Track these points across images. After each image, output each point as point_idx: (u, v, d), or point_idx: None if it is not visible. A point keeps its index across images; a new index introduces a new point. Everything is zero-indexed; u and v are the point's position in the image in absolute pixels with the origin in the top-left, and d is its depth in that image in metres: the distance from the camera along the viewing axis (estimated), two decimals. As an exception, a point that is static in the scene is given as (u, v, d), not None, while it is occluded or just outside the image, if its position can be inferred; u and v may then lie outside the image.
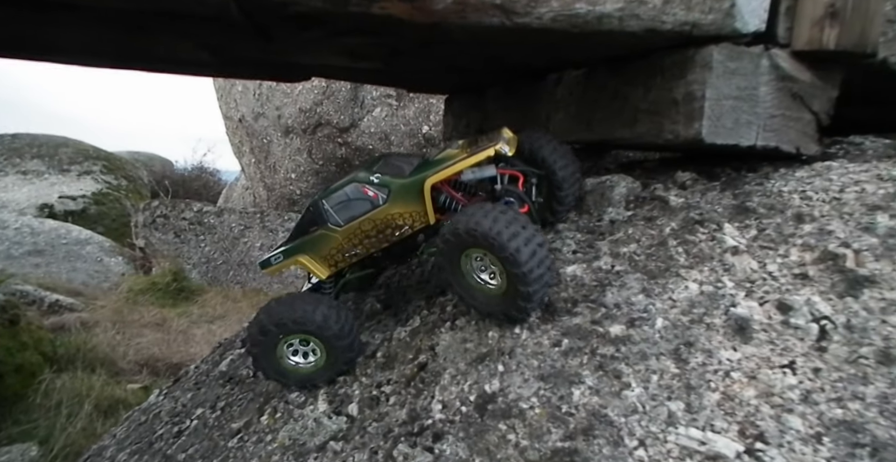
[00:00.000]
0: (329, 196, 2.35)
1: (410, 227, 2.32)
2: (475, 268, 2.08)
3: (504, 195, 2.26)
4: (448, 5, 2.18)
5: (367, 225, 2.31)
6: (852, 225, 2.04)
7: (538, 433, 1.72)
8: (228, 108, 14.54)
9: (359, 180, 2.30)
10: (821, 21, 2.26)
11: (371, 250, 2.40)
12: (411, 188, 2.25)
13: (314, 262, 2.42)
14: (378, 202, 2.28)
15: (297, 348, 2.37)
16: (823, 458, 1.41)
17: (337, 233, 2.35)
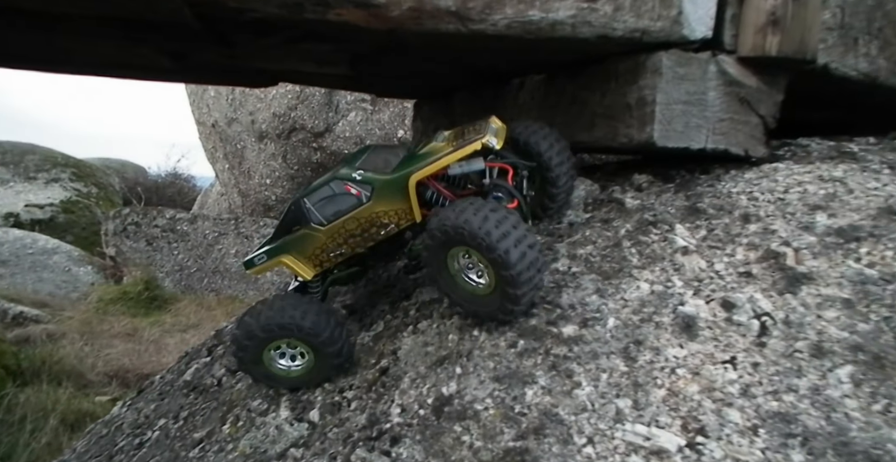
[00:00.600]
0: (311, 194, 2.25)
1: (396, 225, 2.23)
2: (462, 266, 2.00)
3: (492, 190, 2.16)
4: (403, 12, 2.20)
5: (352, 224, 2.22)
6: (794, 224, 2.12)
7: (491, 434, 1.74)
8: (201, 114, 14.35)
9: (340, 177, 2.20)
10: (763, 28, 2.34)
11: (357, 249, 2.31)
12: (395, 185, 2.14)
13: (298, 263, 2.33)
14: (362, 200, 2.18)
15: (285, 351, 2.30)
16: (758, 449, 1.46)
17: (320, 232, 2.26)
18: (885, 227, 1.99)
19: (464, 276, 2.01)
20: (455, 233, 1.84)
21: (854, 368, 1.57)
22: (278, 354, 2.31)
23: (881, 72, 2.67)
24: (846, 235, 2.00)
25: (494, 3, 2.24)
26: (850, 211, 2.11)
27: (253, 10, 2.13)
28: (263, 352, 2.26)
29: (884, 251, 1.90)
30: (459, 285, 2.03)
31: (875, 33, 2.61)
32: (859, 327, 1.68)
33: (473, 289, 2.01)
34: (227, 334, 3.68)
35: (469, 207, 1.85)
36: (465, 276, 2.01)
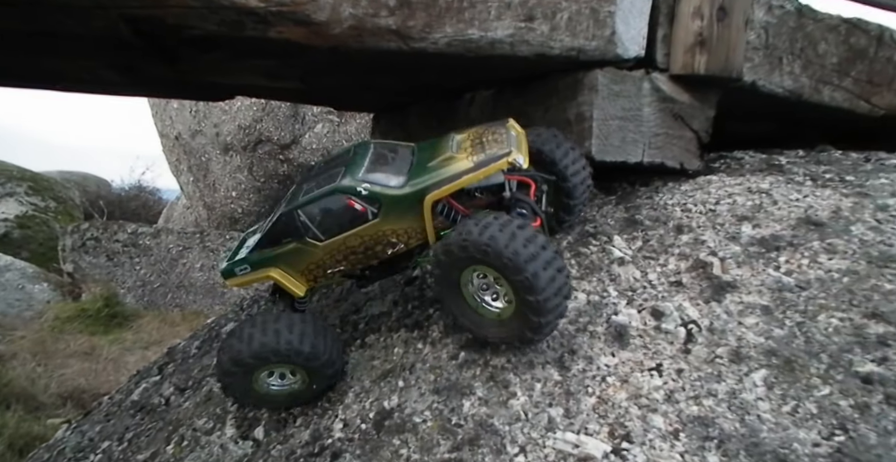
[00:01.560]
0: (305, 206, 2.00)
1: (405, 245, 2.01)
2: (477, 287, 1.82)
3: (515, 205, 1.94)
4: (344, 30, 2.24)
5: (354, 240, 2.00)
6: (722, 235, 2.22)
7: (428, 446, 1.76)
8: (164, 126, 14.09)
9: (343, 190, 1.94)
10: (692, 48, 2.47)
11: (358, 266, 2.10)
12: (406, 202, 1.91)
13: (289, 277, 2.10)
14: (367, 217, 1.95)
15: (275, 371, 2.10)
16: (678, 452, 1.52)
17: (317, 247, 2.02)
18: (802, 237, 2.10)
19: (478, 299, 1.83)
20: (477, 250, 1.64)
21: (768, 372, 1.65)
22: (267, 374, 2.10)
23: (805, 89, 2.82)
24: (768, 245, 2.10)
25: (434, 22, 2.30)
26: (773, 221, 2.22)
27: (192, 27, 2.14)
28: (253, 377, 2.05)
29: (801, 259, 2.01)
30: (472, 308, 1.85)
31: (798, 53, 2.77)
32: (775, 333, 1.77)
33: (488, 313, 1.83)
34: (179, 352, 3.61)
35: (494, 224, 1.67)
36: (480, 298, 1.83)
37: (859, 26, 2.88)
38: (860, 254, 1.97)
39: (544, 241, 1.68)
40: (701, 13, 2.42)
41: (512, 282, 1.65)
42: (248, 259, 2.14)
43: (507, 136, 2.00)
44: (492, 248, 1.62)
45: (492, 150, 1.92)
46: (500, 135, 2.04)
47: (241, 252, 2.22)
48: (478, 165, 1.86)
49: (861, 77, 2.94)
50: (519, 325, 1.74)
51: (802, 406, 1.56)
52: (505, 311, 1.79)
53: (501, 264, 1.63)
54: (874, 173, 2.53)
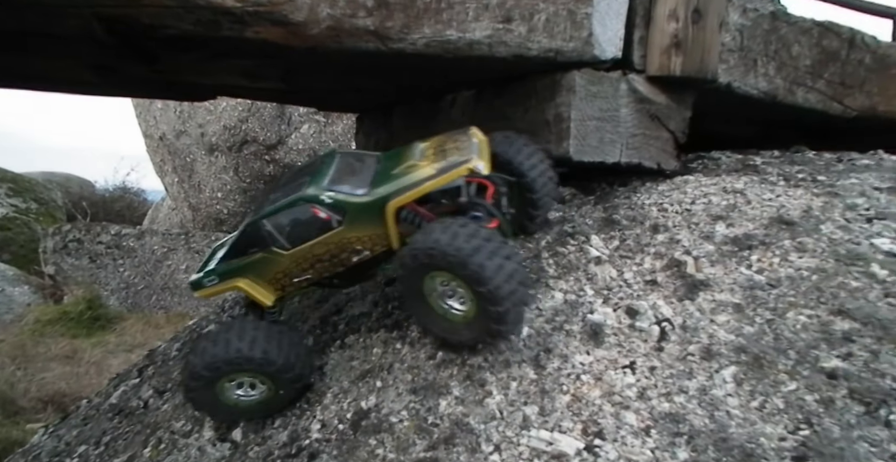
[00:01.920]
0: (271, 216, 2.03)
1: (371, 252, 2.05)
2: (441, 294, 1.86)
3: (470, 209, 2.00)
4: (322, 30, 2.24)
5: (320, 249, 2.03)
6: (696, 234, 2.25)
7: (404, 446, 1.76)
8: (148, 126, 13.94)
9: (307, 199, 1.97)
10: (668, 50, 2.50)
11: (325, 274, 2.13)
12: (371, 210, 1.96)
13: (256, 287, 2.13)
14: (332, 224, 1.98)
15: (243, 381, 2.09)
16: (649, 449, 1.54)
17: (283, 256, 2.05)
18: (774, 236, 2.14)
19: (440, 302, 1.87)
20: (443, 260, 1.69)
21: (737, 369, 1.68)
22: (234, 385, 2.09)
23: (779, 90, 2.87)
24: (741, 244, 2.14)
25: (412, 23, 2.30)
26: (746, 221, 2.26)
27: (167, 26, 2.12)
28: (215, 388, 2.06)
29: (772, 258, 2.04)
30: (433, 311, 1.89)
31: (772, 55, 2.82)
32: (745, 330, 1.80)
33: (447, 314, 1.87)
34: (160, 354, 3.58)
35: (437, 227, 1.75)
36: (442, 301, 1.87)
37: (831, 29, 2.93)
38: (829, 252, 2.01)
39: (488, 235, 1.73)
40: (676, 15, 2.45)
41: (463, 278, 1.70)
42: (216, 270, 2.17)
43: (469, 143, 2.05)
44: (436, 250, 1.68)
45: (453, 156, 1.98)
46: (461, 142, 2.09)
47: (210, 263, 2.24)
48: (439, 172, 1.92)
49: (834, 79, 3.00)
50: (484, 320, 1.77)
51: (770, 401, 1.58)
52: (469, 312, 1.81)
53: (447, 263, 1.68)
54: (845, 173, 2.58)
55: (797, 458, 1.44)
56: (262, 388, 2.11)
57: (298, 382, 2.11)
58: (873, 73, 3.06)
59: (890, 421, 1.48)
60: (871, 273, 1.88)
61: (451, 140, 2.16)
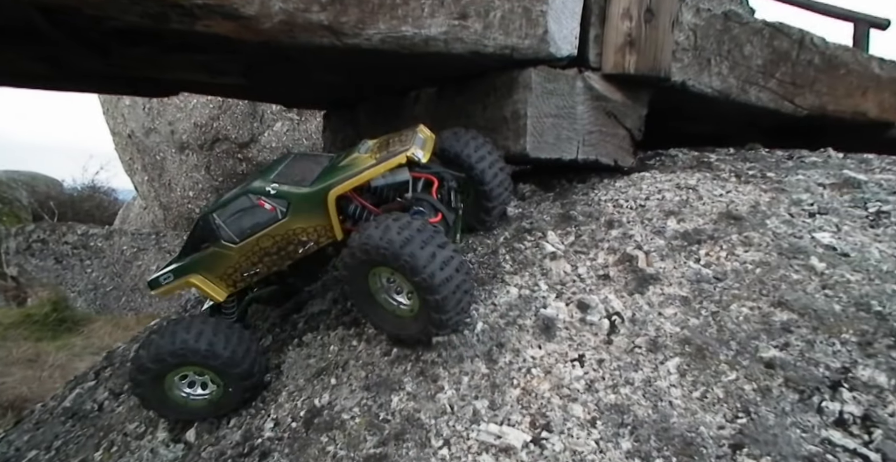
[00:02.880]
0: (220, 209, 2.07)
1: (316, 243, 2.06)
2: (386, 288, 1.88)
3: (414, 203, 2.00)
4: (275, 25, 2.21)
5: (266, 241, 2.05)
6: (649, 229, 2.29)
7: (355, 442, 1.76)
8: (116, 123, 13.59)
9: (253, 191, 2.02)
10: (622, 48, 2.53)
11: (273, 268, 2.13)
12: (313, 199, 1.97)
13: (208, 283, 2.14)
14: (277, 216, 2.01)
15: (194, 379, 2.08)
16: (594, 439, 1.56)
17: (233, 250, 2.07)
18: (723, 231, 2.19)
19: (386, 298, 1.89)
20: (377, 253, 1.72)
21: (681, 360, 1.72)
22: (186, 383, 2.09)
23: (732, 89, 2.94)
24: (690, 238, 2.19)
25: (367, 18, 2.29)
26: (697, 216, 2.31)
27: (112, 18, 2.07)
28: (163, 383, 2.04)
29: (719, 252, 2.09)
30: (381, 307, 1.91)
31: (725, 55, 2.89)
32: (691, 322, 1.84)
33: (395, 310, 1.90)
34: (118, 356, 3.50)
35: (393, 225, 1.74)
36: (388, 297, 1.89)
37: (782, 30, 3.01)
38: (773, 246, 2.06)
39: (420, 225, 1.77)
40: (630, 14, 2.49)
41: (399, 270, 1.73)
42: (171, 270, 2.19)
43: (414, 137, 2.09)
44: (370, 245, 1.74)
45: (394, 148, 2.03)
46: (406, 137, 2.13)
47: (167, 267, 2.26)
48: (378, 161, 1.97)
49: (785, 79, 3.08)
50: (424, 321, 1.84)
51: (711, 391, 1.62)
52: (414, 305, 1.85)
53: (383, 257, 1.72)
54: (794, 170, 2.66)
55: (734, 446, 1.48)
56: (213, 387, 2.09)
57: (247, 380, 2.09)
58: (822, 74, 3.16)
59: (822, 408, 1.52)
60: (810, 266, 1.94)
61: (397, 136, 2.20)
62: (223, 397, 2.09)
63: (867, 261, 1.92)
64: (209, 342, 1.98)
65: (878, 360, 1.59)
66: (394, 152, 1.98)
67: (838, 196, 2.32)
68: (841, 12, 6.49)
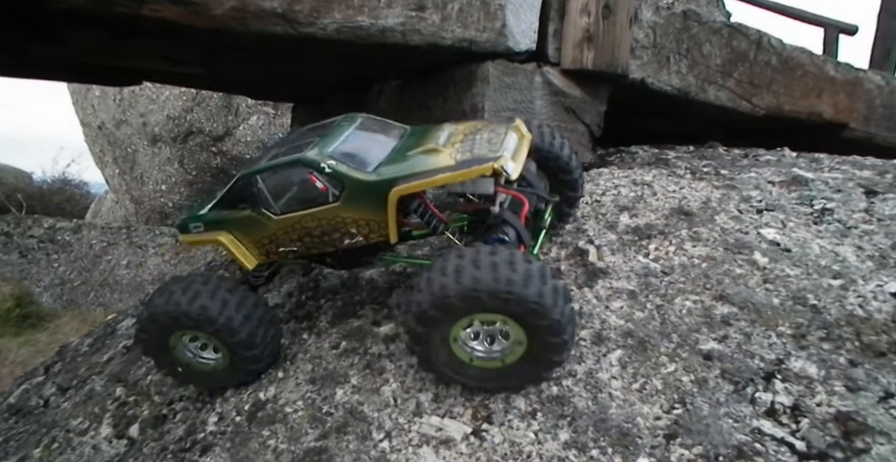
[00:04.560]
0: (265, 172, 1.79)
1: (365, 239, 1.79)
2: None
3: (498, 228, 1.72)
4: (226, 11, 2.17)
5: (310, 221, 1.79)
6: (602, 224, 2.31)
7: (297, 436, 1.73)
8: (86, 114, 13.26)
9: (306, 163, 1.71)
10: (581, 44, 2.54)
11: (313, 251, 1.89)
12: (372, 191, 1.69)
13: (240, 246, 1.90)
14: (328, 197, 1.73)
15: (200, 341, 1.95)
16: (533, 431, 1.57)
17: (271, 221, 1.82)
18: (673, 226, 2.22)
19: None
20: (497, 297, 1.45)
21: (623, 352, 1.73)
22: (188, 339, 1.94)
23: (692, 88, 2.98)
24: (641, 233, 2.21)
25: (322, 7, 2.26)
26: (649, 211, 2.33)
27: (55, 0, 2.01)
28: (170, 339, 1.91)
29: (668, 247, 2.12)
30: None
31: (684, 53, 2.92)
32: (635, 315, 1.86)
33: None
34: (70, 351, 3.40)
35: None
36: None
37: (740, 30, 3.06)
38: (720, 241, 2.09)
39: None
40: (588, 10, 2.50)
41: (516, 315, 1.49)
42: (204, 217, 1.93)
43: (505, 137, 1.74)
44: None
45: (481, 150, 1.68)
46: (497, 135, 1.78)
47: (203, 207, 2.01)
48: (458, 165, 1.63)
49: (743, 78, 3.13)
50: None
51: (650, 383, 1.64)
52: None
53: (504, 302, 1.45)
54: (747, 168, 2.71)
55: (668, 436, 1.49)
56: (218, 355, 1.95)
57: (257, 363, 1.94)
58: (779, 74, 3.22)
59: (755, 398, 1.55)
60: (753, 261, 1.97)
61: (486, 129, 1.86)
62: (226, 369, 1.97)
63: (807, 256, 1.96)
64: (228, 317, 1.80)
65: (810, 352, 1.63)
66: (478, 158, 1.63)
67: (786, 193, 2.37)
68: (812, 18, 6.66)
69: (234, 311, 1.81)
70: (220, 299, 1.81)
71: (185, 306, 1.79)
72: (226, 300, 1.81)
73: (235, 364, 1.93)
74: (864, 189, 2.32)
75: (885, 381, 1.51)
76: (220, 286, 1.85)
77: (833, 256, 1.95)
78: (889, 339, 1.61)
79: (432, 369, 1.65)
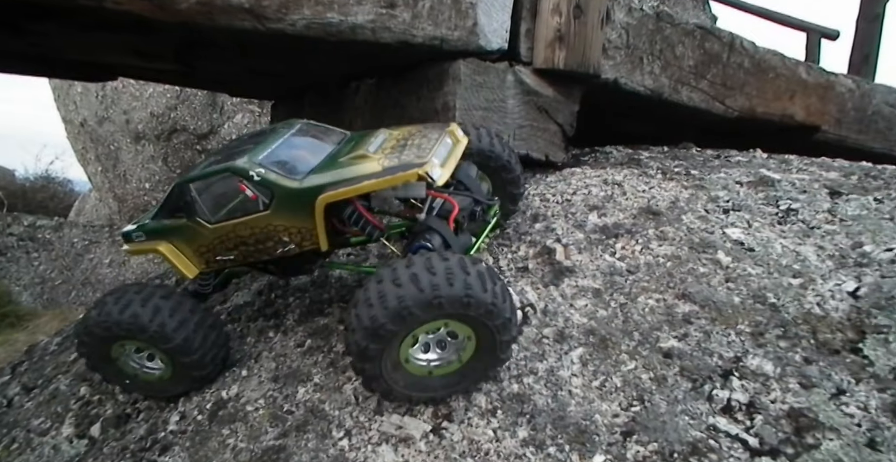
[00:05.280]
0: (197, 181, 1.79)
1: (298, 246, 1.79)
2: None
3: (423, 235, 1.71)
4: (192, 5, 2.14)
5: (244, 230, 1.79)
6: (571, 223, 2.31)
7: (256, 434, 1.72)
8: (68, 111, 13.07)
9: (235, 171, 1.71)
10: (552, 43, 2.55)
11: (249, 259, 1.89)
12: (301, 199, 1.68)
13: (179, 255, 1.89)
14: (258, 206, 1.73)
15: (146, 352, 1.94)
16: (492, 428, 1.56)
17: (206, 229, 1.82)
18: (641, 225, 2.23)
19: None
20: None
21: (584, 350, 1.74)
22: (133, 350, 1.93)
23: (665, 89, 3.00)
24: (608, 232, 2.22)
25: (291, 3, 2.24)
26: (618, 211, 2.34)
27: (12, -9, 1.97)
28: (111, 350, 1.90)
29: (634, 246, 2.13)
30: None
31: (657, 54, 2.94)
32: (599, 313, 1.86)
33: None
34: (39, 350, 3.35)
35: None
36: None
37: (713, 32, 3.09)
38: (685, 240, 2.11)
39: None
40: (559, 10, 2.50)
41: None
42: (145, 226, 1.94)
43: (437, 143, 1.75)
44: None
45: (409, 156, 1.69)
46: (429, 140, 1.78)
47: (146, 218, 2.01)
48: (384, 171, 1.64)
49: (716, 80, 3.16)
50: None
51: (609, 380, 1.64)
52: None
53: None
54: (717, 169, 2.73)
55: (625, 433, 1.50)
56: (162, 364, 1.94)
57: (198, 370, 1.92)
58: (752, 76, 3.25)
59: (712, 395, 1.56)
60: (717, 260, 1.99)
61: (419, 134, 1.87)
62: (171, 378, 1.96)
63: (769, 255, 1.98)
64: (161, 323, 1.78)
65: (767, 349, 1.64)
66: (405, 164, 1.64)
67: (753, 194, 2.39)
68: (795, 22, 6.76)
69: (168, 316, 1.79)
70: (151, 306, 1.80)
71: (115, 315, 1.79)
72: (158, 307, 1.80)
73: (179, 372, 1.92)
74: (829, 190, 2.35)
75: (838, 378, 1.53)
76: (153, 294, 1.85)
77: (794, 256, 1.97)
78: (844, 336, 1.63)
79: (388, 392, 1.59)
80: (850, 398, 1.47)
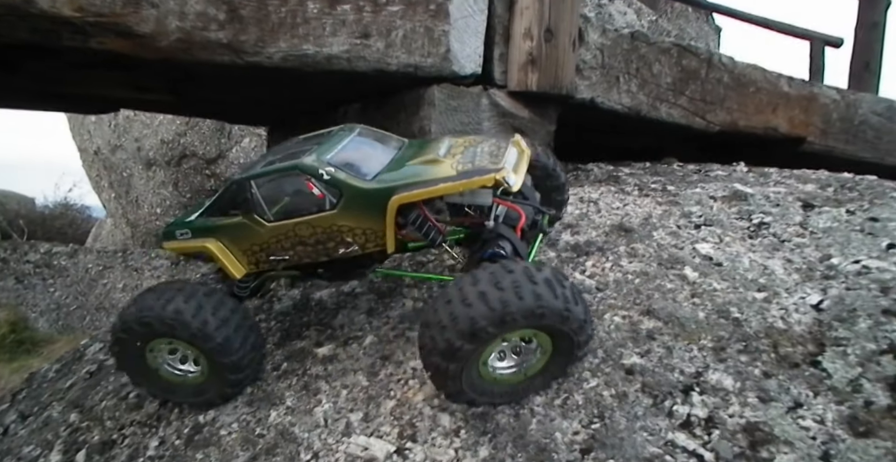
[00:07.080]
0: (260, 178, 1.75)
1: (361, 248, 1.77)
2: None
3: (492, 242, 1.70)
4: (172, 43, 2.25)
5: (305, 230, 1.75)
6: (543, 242, 2.34)
7: (228, 458, 1.75)
8: (82, 140, 13.50)
9: (304, 169, 1.68)
10: (525, 66, 2.62)
11: (305, 260, 1.84)
12: (371, 199, 1.67)
13: (228, 254, 1.85)
14: (324, 205, 1.70)
15: (180, 353, 1.88)
16: (454, 448, 1.58)
17: (264, 228, 1.78)
18: (612, 242, 2.25)
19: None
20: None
21: (548, 368, 1.75)
22: (168, 350, 1.87)
23: (643, 106, 3.04)
24: (580, 250, 2.24)
25: (267, 37, 2.35)
26: (591, 228, 2.37)
27: (0, 35, 2.09)
28: (145, 349, 1.84)
29: (604, 263, 2.15)
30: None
31: (634, 73, 2.99)
32: (565, 331, 1.88)
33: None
34: (39, 377, 3.43)
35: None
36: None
37: (689, 49, 3.14)
38: (654, 257, 2.13)
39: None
40: (531, 34, 2.58)
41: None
42: (191, 223, 1.90)
43: (506, 151, 1.76)
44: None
45: (482, 162, 1.67)
46: (498, 148, 1.79)
47: (190, 215, 1.97)
48: (460, 175, 1.62)
49: (695, 96, 3.20)
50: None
51: (571, 398, 1.66)
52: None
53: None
54: (695, 184, 2.75)
55: (584, 450, 1.51)
56: (196, 368, 1.89)
57: (235, 374, 1.85)
58: (732, 91, 3.29)
59: (672, 411, 1.57)
60: (683, 275, 2.00)
61: (487, 143, 1.86)
62: (204, 383, 1.90)
63: (736, 270, 1.99)
64: (203, 321, 1.73)
65: (728, 364, 1.65)
66: (480, 169, 1.62)
67: (726, 208, 2.40)
68: (798, 31, 6.79)
69: (210, 314, 1.74)
70: (195, 303, 1.74)
71: (158, 310, 1.73)
72: (201, 304, 1.75)
73: (214, 374, 1.85)
74: (802, 203, 2.36)
75: (796, 391, 1.53)
76: (196, 291, 1.79)
77: (762, 270, 1.97)
78: (804, 349, 1.63)
79: (459, 393, 1.59)
80: (807, 411, 1.47)
